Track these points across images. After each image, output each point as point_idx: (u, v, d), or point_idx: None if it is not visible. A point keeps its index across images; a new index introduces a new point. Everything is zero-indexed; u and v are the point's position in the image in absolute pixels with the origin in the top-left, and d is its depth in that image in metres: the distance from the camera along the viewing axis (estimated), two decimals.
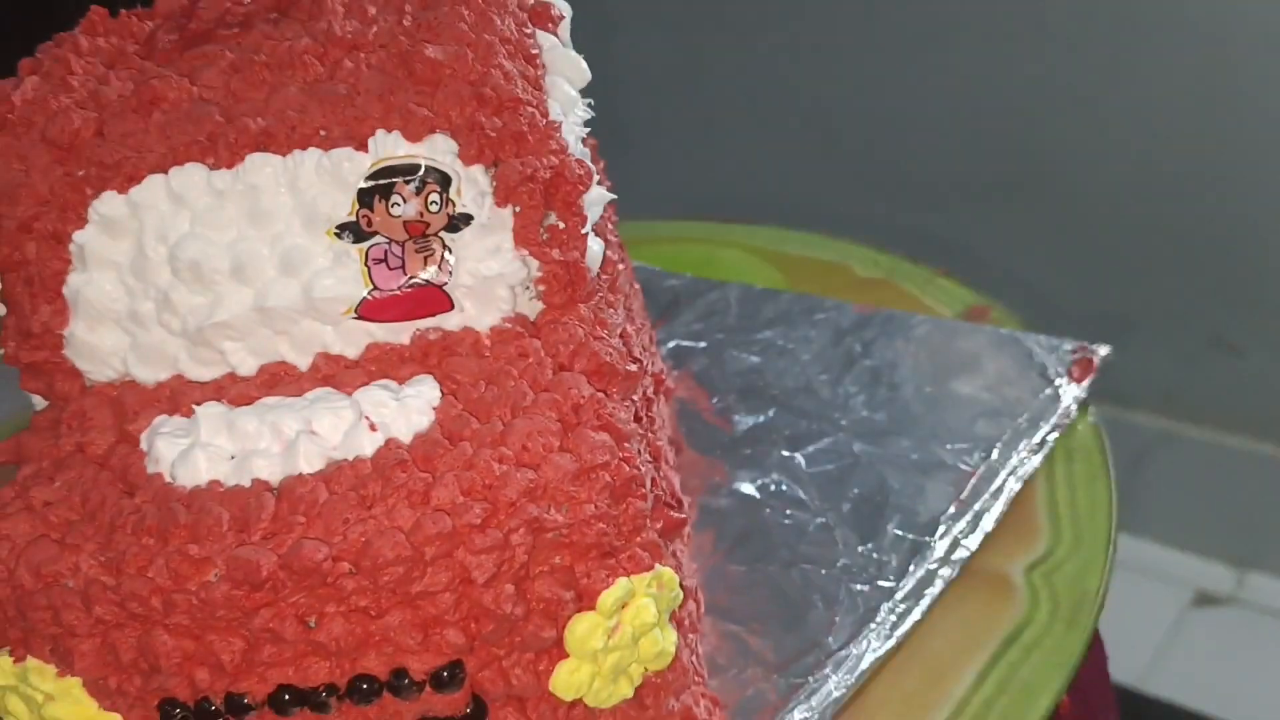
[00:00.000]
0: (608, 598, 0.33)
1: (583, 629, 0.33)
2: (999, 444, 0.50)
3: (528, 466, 0.33)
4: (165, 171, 0.36)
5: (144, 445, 0.35)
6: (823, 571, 0.45)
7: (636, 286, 0.55)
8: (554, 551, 0.33)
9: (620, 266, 0.46)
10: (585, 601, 0.34)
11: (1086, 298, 1.09)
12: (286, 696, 0.33)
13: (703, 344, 0.60)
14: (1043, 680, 0.40)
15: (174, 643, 0.32)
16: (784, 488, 0.49)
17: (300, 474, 0.33)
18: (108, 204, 0.36)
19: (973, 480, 0.48)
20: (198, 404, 0.36)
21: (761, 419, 0.54)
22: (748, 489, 0.50)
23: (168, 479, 0.34)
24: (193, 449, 0.34)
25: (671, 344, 0.60)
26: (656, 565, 0.35)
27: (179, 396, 0.37)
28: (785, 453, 0.51)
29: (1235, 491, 1.12)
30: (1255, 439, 1.11)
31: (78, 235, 0.36)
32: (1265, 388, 1.07)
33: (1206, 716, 1.03)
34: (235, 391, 0.36)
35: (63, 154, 0.36)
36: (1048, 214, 1.08)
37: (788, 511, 0.48)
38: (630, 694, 0.36)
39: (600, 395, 0.35)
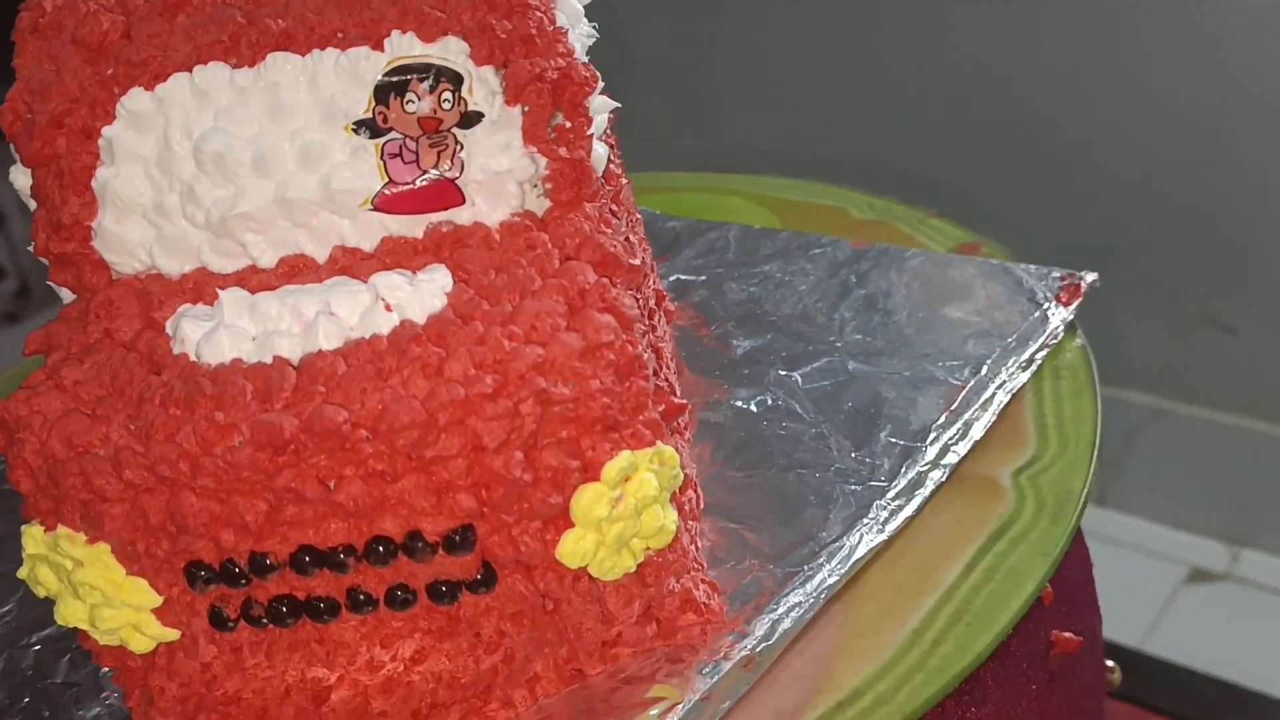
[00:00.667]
0: (611, 468, 0.35)
1: (588, 498, 0.35)
2: (988, 361, 0.51)
3: (536, 344, 0.35)
4: (190, 70, 0.38)
5: (169, 329, 0.37)
6: (817, 475, 0.46)
7: (638, 217, 0.57)
8: (561, 425, 0.35)
9: (624, 181, 0.47)
10: (590, 473, 0.35)
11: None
12: (307, 557, 0.34)
13: (703, 277, 0.62)
14: (1027, 568, 0.42)
15: (200, 504, 0.34)
16: (780, 403, 0.51)
17: (320, 350, 0.35)
18: (135, 100, 0.38)
19: (963, 393, 0.50)
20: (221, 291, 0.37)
21: (759, 342, 0.55)
22: (745, 404, 0.51)
23: (193, 358, 0.36)
24: (217, 329, 0.36)
25: (672, 278, 0.62)
26: (658, 442, 0.37)
27: (202, 287, 0.38)
28: (782, 372, 0.53)
29: (1229, 469, 1.13)
30: (1248, 416, 1.13)
31: (106, 130, 0.38)
32: (1258, 365, 1.08)
33: (1201, 673, 1.04)
34: (256, 282, 0.38)
35: (92, 54, 0.38)
36: (1042, 192, 1.09)
37: (784, 423, 0.50)
38: (633, 567, 0.37)
39: (605, 281, 0.37)
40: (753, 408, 0.51)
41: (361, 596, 0.35)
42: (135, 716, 0.39)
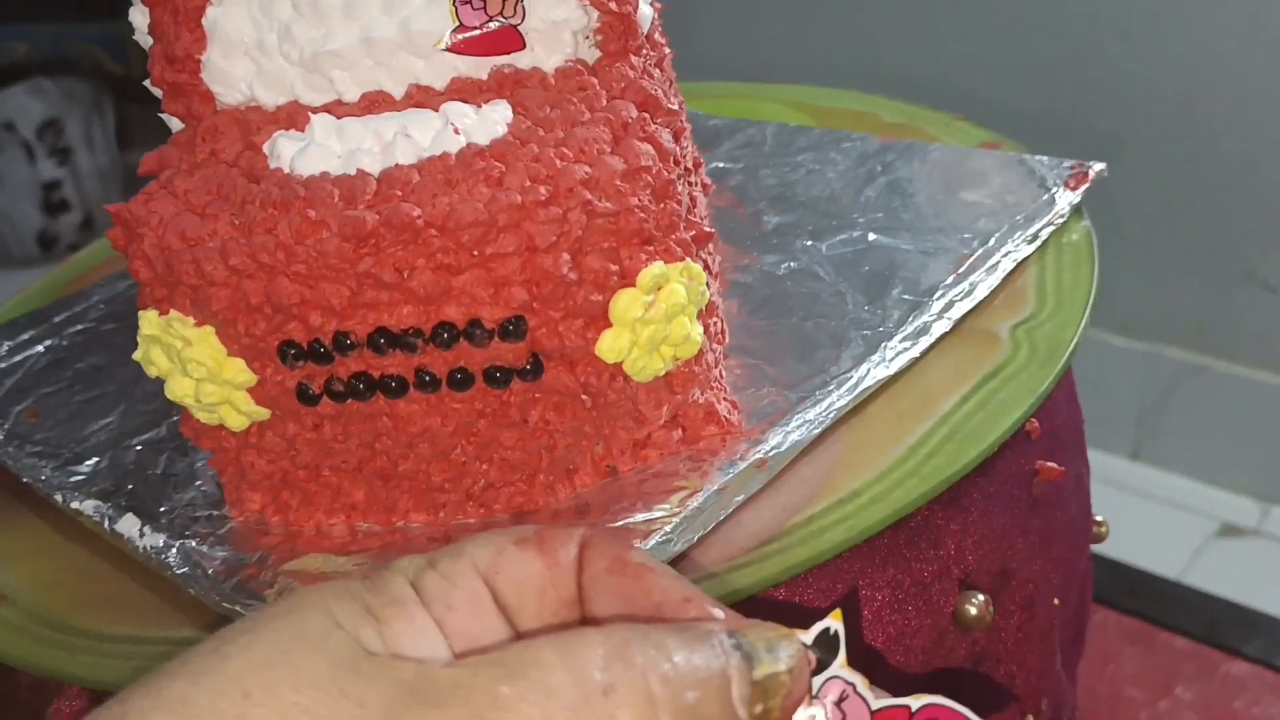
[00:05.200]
0: (645, 275, 0.40)
1: (624, 301, 0.40)
2: (996, 234, 0.56)
3: (584, 164, 0.40)
4: None
5: (266, 150, 0.43)
6: (833, 323, 0.51)
7: (681, 99, 0.62)
8: (603, 235, 0.40)
9: (668, 52, 0.52)
10: (627, 279, 0.41)
11: (1121, 232, 1.12)
12: (382, 338, 0.40)
13: (740, 165, 0.67)
14: (1015, 401, 0.47)
15: (293, 288, 0.39)
16: (804, 267, 0.56)
17: (397, 164, 0.41)
18: None
19: (970, 259, 0.54)
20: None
21: (788, 219, 0.60)
22: (772, 269, 0.56)
23: (287, 171, 0.41)
24: (308, 146, 0.41)
25: (712, 165, 0.67)
26: (687, 259, 0.42)
27: (295, 117, 0.44)
28: (808, 242, 0.58)
29: (1264, 426, 1.16)
30: None
31: None
32: None
33: (1233, 602, 1.08)
34: (342, 113, 0.44)
35: None
36: (1082, 145, 1.11)
37: (806, 283, 0.55)
38: (662, 372, 0.43)
39: (646, 117, 0.42)
40: (779, 271, 0.56)
41: (427, 377, 0.41)
42: (228, 492, 0.45)
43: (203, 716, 0.23)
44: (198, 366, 0.41)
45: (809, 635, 0.28)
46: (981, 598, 0.44)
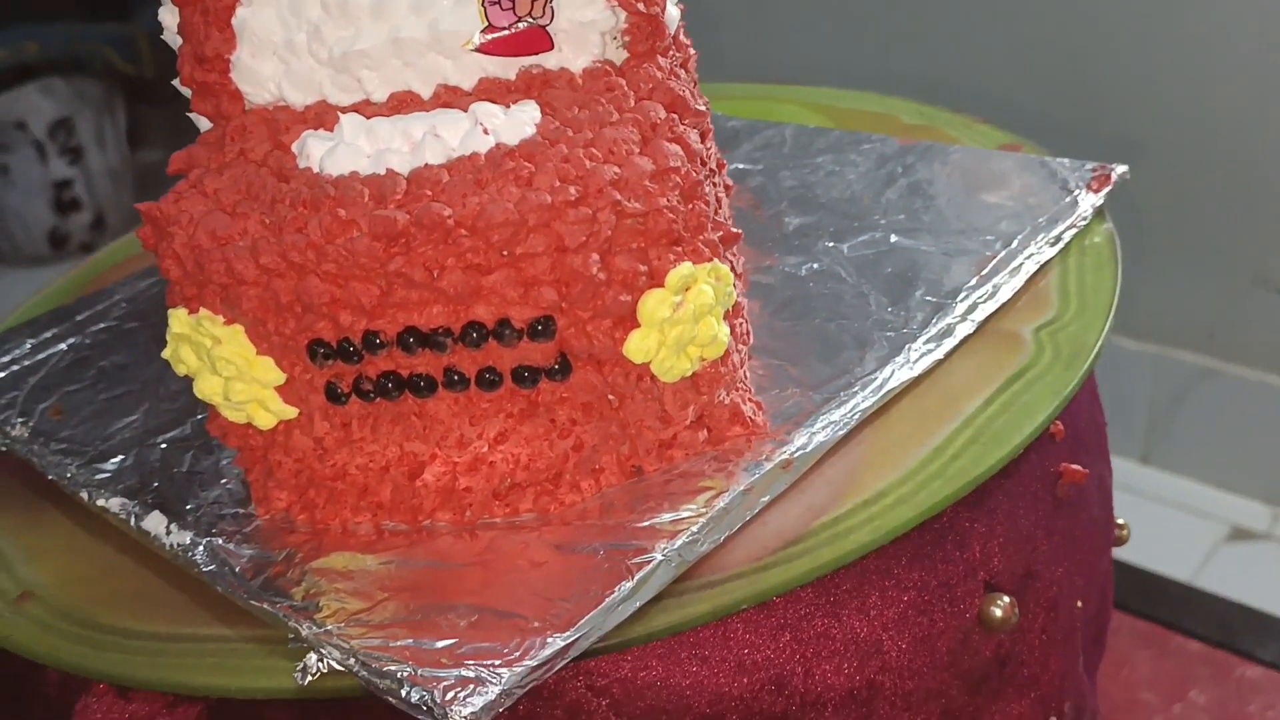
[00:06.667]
0: (674, 276, 0.41)
1: (653, 301, 0.41)
2: (1019, 236, 0.56)
3: (613, 164, 0.40)
4: None
5: (295, 150, 0.43)
6: (856, 324, 0.51)
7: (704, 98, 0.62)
8: (632, 236, 0.40)
9: (693, 53, 0.52)
10: (655, 279, 0.41)
11: (1132, 235, 1.12)
12: (412, 338, 0.40)
13: (760, 166, 0.67)
14: (1040, 403, 0.47)
15: (323, 287, 0.40)
16: (826, 268, 0.56)
17: (427, 164, 0.41)
18: None
19: (993, 261, 0.54)
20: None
21: (809, 220, 0.60)
22: (794, 270, 0.56)
23: (316, 170, 0.42)
24: (338, 146, 0.42)
25: (731, 167, 0.67)
26: (714, 259, 0.42)
27: (323, 116, 0.44)
28: (829, 243, 0.58)
29: (1274, 430, 1.16)
30: None
31: None
32: None
33: (1247, 606, 1.08)
34: (369, 113, 0.44)
35: None
36: (1095, 148, 1.11)
37: (828, 284, 0.55)
38: (689, 372, 0.43)
39: (674, 118, 0.42)
40: (801, 272, 0.56)
41: (456, 376, 0.41)
42: (254, 490, 0.46)
43: None
44: (227, 365, 0.41)
45: None
46: (1007, 599, 0.44)
